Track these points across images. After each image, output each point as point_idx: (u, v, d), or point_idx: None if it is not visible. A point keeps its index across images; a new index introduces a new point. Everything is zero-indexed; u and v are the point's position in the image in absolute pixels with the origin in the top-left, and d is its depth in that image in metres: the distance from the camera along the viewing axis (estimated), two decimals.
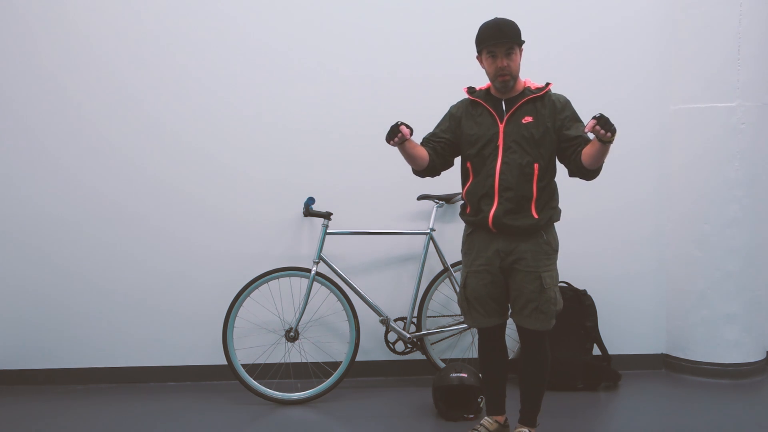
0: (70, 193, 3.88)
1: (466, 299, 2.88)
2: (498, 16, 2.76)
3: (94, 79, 3.86)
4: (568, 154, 2.74)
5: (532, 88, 2.80)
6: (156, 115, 3.89)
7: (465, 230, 2.94)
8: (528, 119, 2.74)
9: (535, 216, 2.73)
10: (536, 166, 2.73)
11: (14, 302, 3.90)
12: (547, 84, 2.80)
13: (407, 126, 2.69)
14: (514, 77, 2.75)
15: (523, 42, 2.75)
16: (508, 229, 2.74)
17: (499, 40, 2.67)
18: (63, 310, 3.91)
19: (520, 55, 2.77)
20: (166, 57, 3.87)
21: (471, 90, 2.92)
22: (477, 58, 2.82)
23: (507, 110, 2.77)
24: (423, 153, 2.83)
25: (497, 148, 2.75)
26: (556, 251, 2.84)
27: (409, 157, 2.81)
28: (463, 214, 2.93)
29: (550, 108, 2.75)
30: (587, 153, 2.64)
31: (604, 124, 2.44)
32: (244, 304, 3.68)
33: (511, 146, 2.73)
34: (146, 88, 3.88)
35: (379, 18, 3.93)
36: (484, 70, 2.81)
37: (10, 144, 3.86)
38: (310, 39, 3.92)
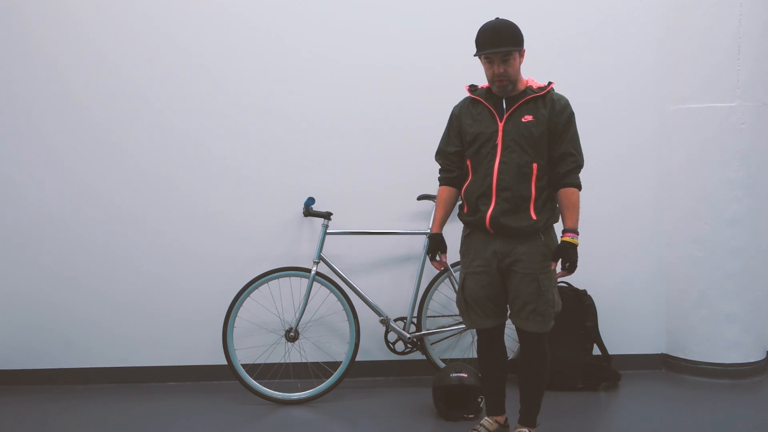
0: (71, 194, 3.88)
1: (464, 301, 2.87)
2: (499, 17, 2.71)
3: (94, 76, 3.86)
4: (549, 168, 2.77)
5: (534, 87, 2.77)
6: (155, 116, 3.89)
7: (463, 231, 2.92)
8: (528, 118, 2.71)
9: (534, 217, 2.71)
10: (535, 165, 2.71)
11: (15, 301, 3.90)
12: (549, 83, 2.78)
13: (438, 258, 2.96)
14: (513, 81, 2.71)
15: (523, 43, 2.72)
16: (505, 230, 2.73)
17: (494, 47, 2.63)
18: (63, 309, 3.90)
19: (521, 57, 2.73)
20: (163, 59, 3.87)
21: (472, 88, 2.90)
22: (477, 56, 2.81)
23: (507, 109, 2.75)
24: (450, 203, 2.94)
25: (496, 146, 2.73)
26: None
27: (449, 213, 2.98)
28: (460, 214, 2.90)
29: (550, 107, 2.73)
30: (561, 204, 2.76)
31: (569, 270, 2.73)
32: (244, 304, 3.68)
33: (510, 145, 2.71)
34: (144, 90, 3.87)
35: (380, 20, 3.93)
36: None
37: (3, 146, 3.86)
38: (310, 40, 3.92)
